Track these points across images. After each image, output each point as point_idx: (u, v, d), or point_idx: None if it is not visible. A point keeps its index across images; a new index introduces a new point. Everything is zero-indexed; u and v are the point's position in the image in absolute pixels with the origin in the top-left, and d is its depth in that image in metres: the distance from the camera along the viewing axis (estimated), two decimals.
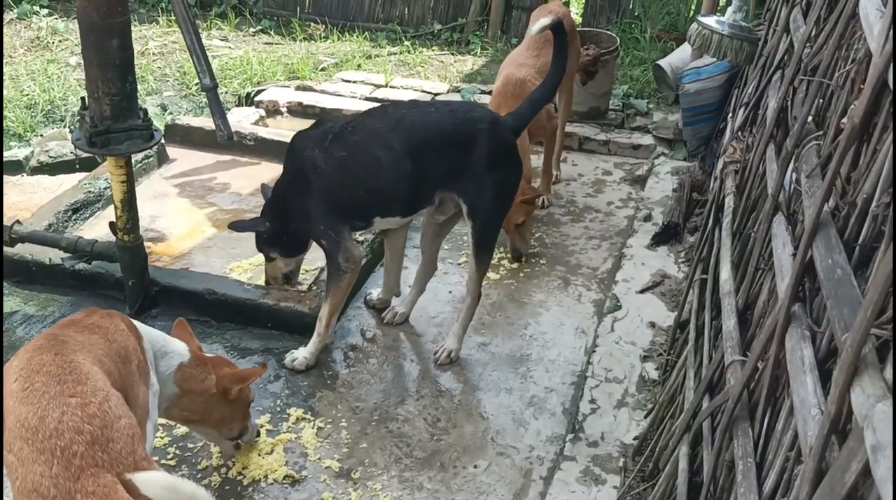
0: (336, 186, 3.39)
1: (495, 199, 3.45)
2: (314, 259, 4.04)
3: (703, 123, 5.20)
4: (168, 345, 2.74)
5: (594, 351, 3.73)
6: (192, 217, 4.68)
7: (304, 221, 3.51)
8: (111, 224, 3.64)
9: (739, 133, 3.34)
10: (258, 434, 3.15)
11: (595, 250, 4.63)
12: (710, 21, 4.36)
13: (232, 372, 2.91)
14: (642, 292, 4.13)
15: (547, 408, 3.47)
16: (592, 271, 4.44)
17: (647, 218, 4.78)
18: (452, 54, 7.78)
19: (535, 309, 4.11)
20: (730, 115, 4.54)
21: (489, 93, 6.19)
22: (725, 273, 2.35)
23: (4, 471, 2.01)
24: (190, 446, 3.18)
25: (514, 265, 4.42)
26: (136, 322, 2.66)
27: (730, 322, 2.10)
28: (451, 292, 4.18)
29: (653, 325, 3.88)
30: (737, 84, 4.88)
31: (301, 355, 3.58)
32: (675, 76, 5.85)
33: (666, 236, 4.54)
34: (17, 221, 3.93)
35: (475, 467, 3.17)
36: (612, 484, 3.03)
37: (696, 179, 4.87)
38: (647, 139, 5.79)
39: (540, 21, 3.67)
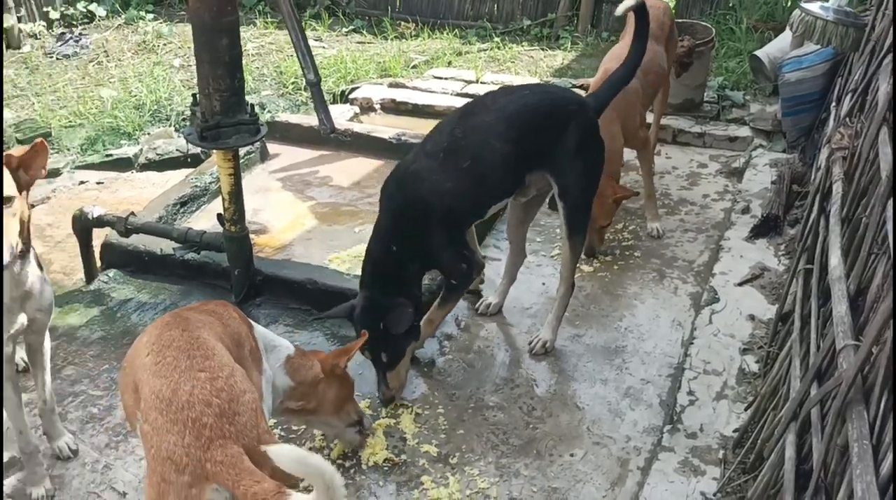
0: (462, 195, 3.30)
1: (584, 177, 3.49)
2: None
3: (804, 113, 5.06)
4: (275, 340, 2.86)
5: (692, 343, 3.69)
6: (293, 210, 4.84)
7: (425, 258, 3.37)
8: (219, 215, 3.80)
9: (847, 120, 3.25)
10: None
11: (691, 243, 4.57)
12: (814, 7, 4.23)
13: (335, 350, 3.01)
14: (741, 284, 4.05)
15: (643, 399, 3.46)
16: (689, 263, 4.38)
17: (745, 210, 4.68)
18: (542, 49, 7.78)
19: (630, 301, 4.09)
20: (833, 103, 4.40)
21: (580, 87, 6.19)
22: (835, 259, 2.30)
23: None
24: (294, 428, 3.29)
25: (608, 257, 4.40)
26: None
27: (841, 307, 2.06)
28: (544, 283, 4.20)
29: (752, 318, 3.80)
30: (840, 72, 4.74)
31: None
32: (774, 67, 5.73)
33: (765, 229, 4.44)
34: (132, 214, 4.15)
35: (571, 455, 3.19)
36: (711, 476, 2.99)
37: (797, 170, 4.75)
38: (743, 131, 5.67)
39: (624, 2, 3.64)
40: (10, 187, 2.34)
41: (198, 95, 3.52)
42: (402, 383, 3.38)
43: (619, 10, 3.69)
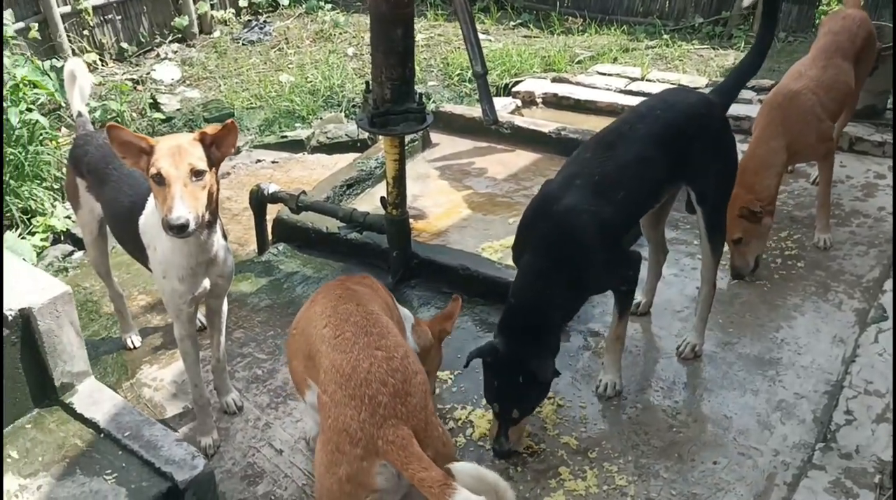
0: (620, 222, 3.18)
1: (720, 178, 3.40)
2: None
3: None
4: (402, 309, 2.99)
5: (854, 361, 3.51)
6: (450, 198, 4.98)
7: (589, 288, 3.24)
8: (382, 199, 3.98)
9: None
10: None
11: (861, 257, 4.33)
12: None
13: (438, 316, 3.16)
14: None
15: (796, 414, 3.33)
16: (856, 278, 4.16)
17: None
18: (713, 48, 7.56)
19: (789, 313, 3.94)
20: None
21: (751, 89, 5.98)
22: None
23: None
24: (439, 406, 3.41)
25: (772, 265, 4.25)
26: None
27: None
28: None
29: None
30: None
31: (607, 379, 3.48)
32: None
33: None
34: (303, 192, 4.41)
35: (714, 463, 3.13)
36: None
37: None
38: None
39: None
40: (203, 162, 2.56)
41: (370, 83, 3.69)
42: (521, 437, 3.17)
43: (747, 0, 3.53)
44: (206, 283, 2.89)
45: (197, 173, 2.52)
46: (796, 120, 4.11)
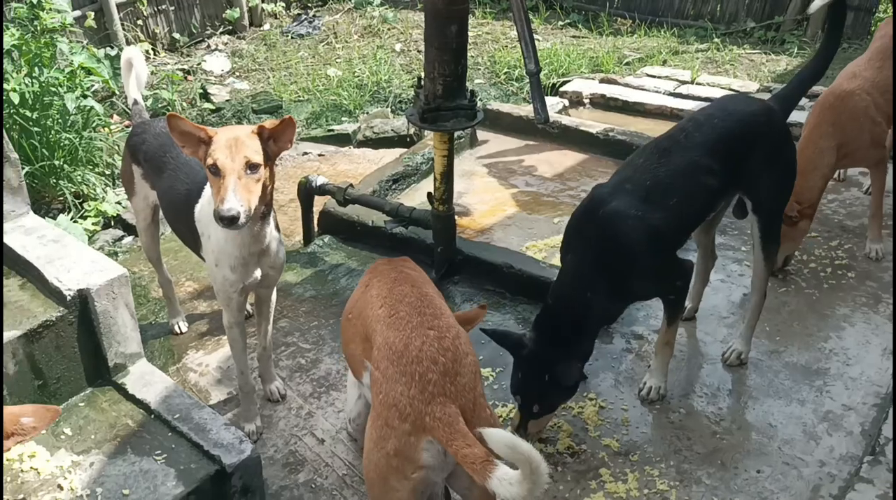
0: (672, 228, 3.12)
1: (778, 188, 3.36)
2: None
3: None
4: None
5: None
6: (496, 196, 4.98)
7: (635, 294, 3.22)
8: (429, 194, 3.99)
9: None
10: None
11: None
12: None
13: (462, 316, 3.10)
14: None
15: (843, 426, 3.28)
16: None
17: None
18: (765, 53, 7.46)
19: (838, 323, 3.87)
20: None
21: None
22: None
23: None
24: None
25: (821, 274, 4.19)
26: None
27: None
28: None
29: None
30: None
31: (652, 383, 3.45)
32: None
33: None
34: (350, 185, 4.45)
35: (758, 472, 3.09)
36: None
37: None
38: None
39: None
40: (258, 155, 2.59)
41: (422, 79, 3.70)
42: (541, 431, 3.21)
43: (813, 6, 3.48)
44: (258, 273, 2.93)
45: (252, 167, 2.55)
46: (848, 121, 4.03)
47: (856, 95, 4.10)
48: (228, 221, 2.48)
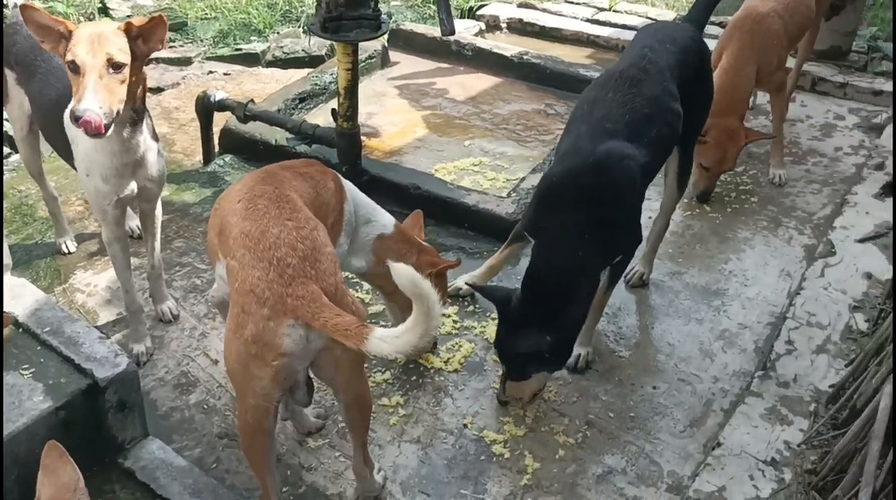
0: (652, 166, 2.96)
1: (703, 115, 3.38)
2: None
3: None
4: (374, 214, 2.89)
5: (798, 294, 3.52)
6: (407, 117, 4.85)
7: (613, 250, 2.94)
8: (333, 110, 3.84)
9: None
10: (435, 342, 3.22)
11: (814, 195, 4.32)
12: None
13: (429, 258, 3.01)
14: (862, 241, 3.81)
15: (738, 343, 3.34)
16: (808, 215, 4.15)
17: (880, 167, 4.38)
18: None
19: (739, 246, 3.92)
20: None
21: (719, 24, 5.87)
22: None
23: None
24: (382, 323, 3.35)
25: (725, 199, 4.22)
26: (347, 184, 2.81)
27: None
28: (650, 217, 4.06)
29: (869, 276, 3.59)
30: None
31: (579, 350, 3.15)
32: None
33: None
34: (251, 100, 4.25)
35: (654, 388, 3.13)
36: (798, 427, 2.88)
37: None
38: (890, 86, 5.25)
39: None
40: (123, 54, 2.40)
41: None
42: (523, 401, 2.97)
43: None
44: (133, 185, 2.77)
45: (116, 66, 2.38)
46: (765, 44, 4.04)
47: (770, 17, 4.10)
48: (86, 125, 2.30)
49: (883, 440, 2.00)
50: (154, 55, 2.77)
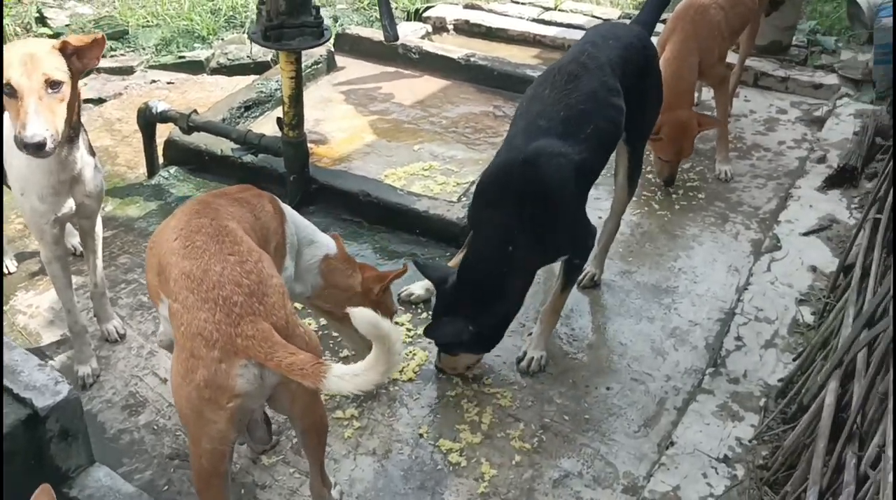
0: (592, 165, 2.95)
1: (652, 116, 3.40)
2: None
3: None
4: (315, 235, 2.82)
5: (746, 289, 3.57)
6: (354, 123, 4.81)
7: (552, 248, 2.96)
8: (278, 119, 3.79)
9: None
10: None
11: (759, 190, 4.39)
12: None
13: (375, 273, 2.97)
14: (807, 234, 3.89)
15: (689, 341, 3.37)
16: (754, 209, 4.22)
17: (822, 160, 4.47)
18: None
19: (688, 243, 3.97)
20: None
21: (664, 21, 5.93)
22: None
23: None
24: (334, 335, 3.31)
25: (673, 196, 4.27)
26: (284, 206, 2.74)
27: None
28: (600, 217, 4.07)
29: (814, 269, 3.66)
30: None
31: (533, 353, 3.21)
32: (872, 13, 5.38)
33: (840, 180, 4.23)
34: (195, 111, 4.18)
35: (607, 389, 3.14)
36: (749, 422, 2.92)
37: (882, 122, 4.49)
38: (830, 79, 5.37)
39: None
40: (60, 72, 2.34)
41: None
42: (457, 372, 3.10)
43: None
44: (71, 203, 2.70)
45: (54, 84, 2.31)
46: (706, 36, 4.09)
47: (711, 8, 4.15)
48: (34, 149, 2.24)
49: (829, 438, 2.03)
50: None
